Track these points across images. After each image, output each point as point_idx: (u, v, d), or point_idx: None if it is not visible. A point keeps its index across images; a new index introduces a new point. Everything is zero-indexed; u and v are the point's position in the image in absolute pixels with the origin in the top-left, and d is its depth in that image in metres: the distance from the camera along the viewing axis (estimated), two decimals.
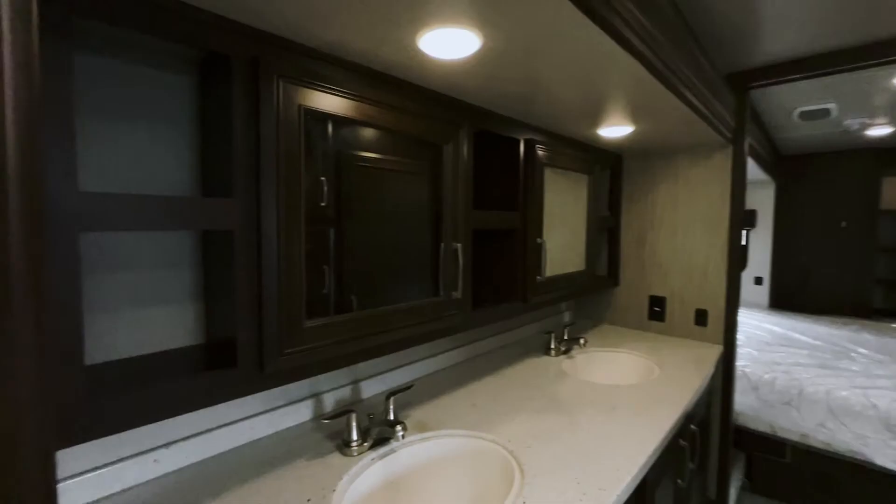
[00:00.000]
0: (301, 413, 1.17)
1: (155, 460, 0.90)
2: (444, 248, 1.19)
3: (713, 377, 1.90)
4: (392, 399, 1.11)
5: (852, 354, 2.70)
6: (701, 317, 2.05)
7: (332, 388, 1.24)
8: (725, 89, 1.68)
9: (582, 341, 1.87)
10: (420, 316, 1.12)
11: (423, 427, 1.15)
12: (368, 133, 1.00)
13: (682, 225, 2.09)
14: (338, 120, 0.92)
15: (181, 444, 0.94)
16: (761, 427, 2.34)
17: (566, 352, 1.88)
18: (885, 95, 2.32)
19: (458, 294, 1.23)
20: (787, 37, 1.53)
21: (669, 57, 1.04)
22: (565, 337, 1.93)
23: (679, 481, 1.43)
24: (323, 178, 0.90)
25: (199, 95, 0.90)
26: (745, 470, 2.48)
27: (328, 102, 0.87)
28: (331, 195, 0.92)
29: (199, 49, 0.77)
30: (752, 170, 3.25)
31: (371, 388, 1.35)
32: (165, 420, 0.73)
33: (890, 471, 1.98)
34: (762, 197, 4.28)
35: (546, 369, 1.67)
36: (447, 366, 1.64)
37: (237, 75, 0.76)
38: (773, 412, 2.29)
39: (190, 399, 0.73)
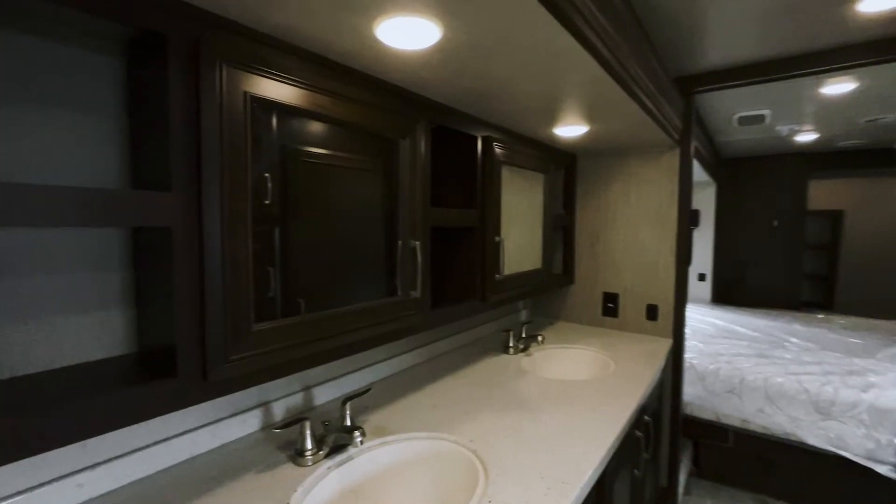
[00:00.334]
0: (249, 424, 1.09)
1: (79, 484, 0.81)
2: (402, 247, 1.15)
3: (664, 370, 1.97)
4: (349, 404, 1.07)
5: (785, 344, 2.92)
6: (652, 312, 2.13)
7: (283, 396, 1.17)
8: (674, 92, 1.75)
9: (540, 338, 1.89)
10: (376, 317, 1.08)
11: (382, 431, 1.11)
12: (318, 127, 0.95)
13: (633, 223, 2.17)
14: (286, 110, 0.86)
15: (110, 464, 0.85)
16: (707, 415, 2.47)
17: (525, 349, 1.89)
18: (811, 104, 2.51)
19: (416, 293, 1.20)
20: (729, 45, 1.62)
21: (626, 58, 1.07)
22: (523, 335, 1.95)
23: (635, 471, 1.47)
24: (267, 175, 0.84)
25: (127, 79, 0.82)
26: (692, 457, 2.61)
27: (277, 91, 0.82)
28: (276, 192, 0.86)
29: (129, 26, 0.70)
30: (696, 171, 3.43)
31: (326, 394, 1.29)
32: (91, 438, 0.65)
33: (821, 450, 2.14)
34: (705, 197, 4.54)
35: (505, 367, 1.67)
36: (406, 367, 1.61)
37: (174, 58, 0.69)
38: (717, 400, 2.42)
39: (122, 413, 0.65)
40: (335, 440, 1.01)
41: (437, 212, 1.30)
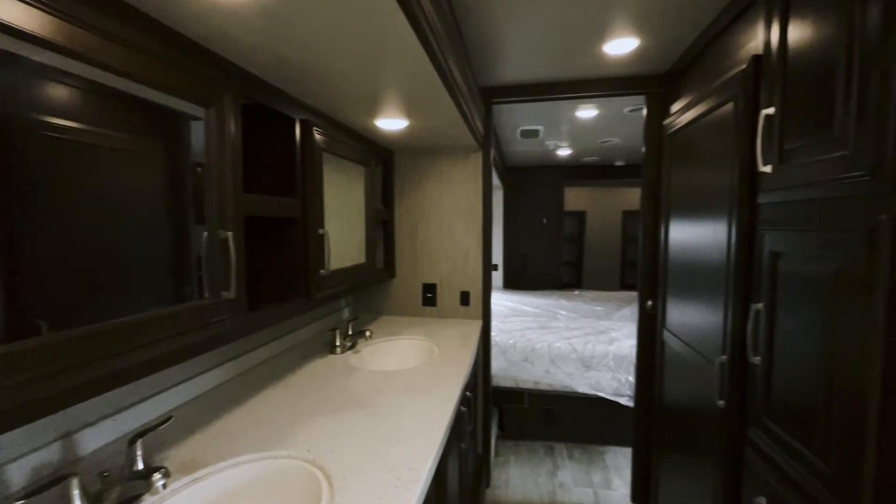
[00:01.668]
0: None
1: None
2: (208, 239, 0.96)
3: (478, 348, 2.20)
4: (140, 443, 0.83)
5: (558, 316, 3.62)
6: (465, 297, 2.35)
7: (30, 451, 0.83)
8: (479, 99, 1.96)
9: (368, 333, 1.86)
10: (176, 326, 0.86)
11: (192, 466, 0.90)
12: (71, 95, 0.69)
13: (447, 218, 2.34)
14: (21, 39, 0.60)
15: None
16: (508, 383, 2.87)
17: (352, 347, 1.84)
18: (569, 124, 3.17)
19: (230, 294, 1.01)
20: (520, 66, 1.89)
21: (448, 54, 1.12)
22: (350, 332, 1.88)
23: (462, 445, 1.59)
24: None
25: None
26: (499, 422, 2.99)
27: (13, 12, 0.56)
28: None
29: None
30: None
31: (102, 436, 0.97)
32: None
33: (586, 394, 2.74)
34: (495, 200, 5.27)
35: (334, 367, 1.58)
36: (217, 384, 1.35)
37: None
38: (515, 369, 2.84)
39: None
40: (122, 493, 0.76)
41: (252, 199, 1.13)
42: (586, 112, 2.80)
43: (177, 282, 0.92)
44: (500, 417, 3.00)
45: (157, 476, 0.77)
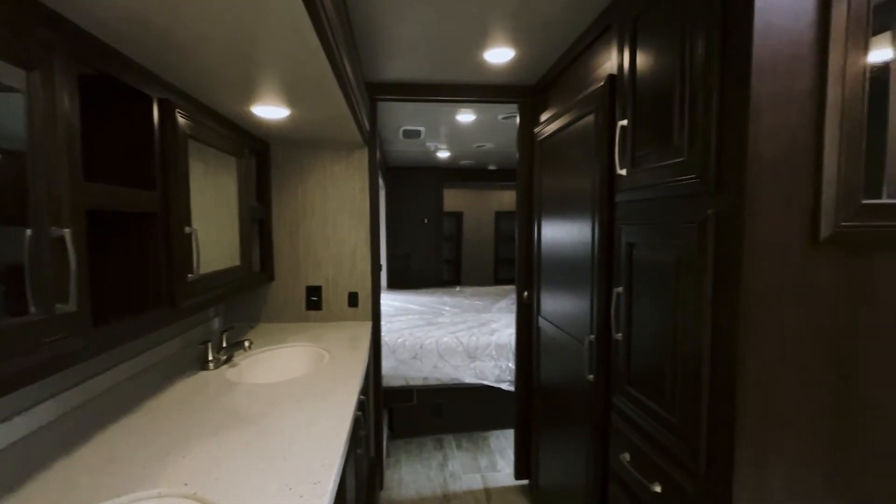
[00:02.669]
0: None
1: None
2: (35, 238, 0.76)
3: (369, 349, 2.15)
4: None
5: (443, 312, 3.74)
6: (353, 299, 2.27)
7: None
8: (365, 94, 1.91)
9: (247, 344, 1.68)
10: None
11: None
12: None
13: (331, 216, 2.24)
14: None
15: None
16: (398, 382, 2.86)
17: (228, 360, 1.64)
18: (448, 127, 3.30)
19: (69, 306, 0.82)
20: (404, 64, 1.89)
21: (340, 40, 1.06)
22: (224, 344, 1.68)
23: (358, 450, 1.53)
24: None
25: None
26: (389, 422, 2.96)
27: None
28: None
29: None
30: None
31: None
32: None
33: (472, 384, 2.88)
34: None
35: (208, 385, 1.39)
36: (53, 420, 1.08)
37: None
38: (405, 367, 2.84)
39: None
40: None
41: (96, 190, 0.93)
42: (465, 116, 2.95)
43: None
44: (390, 417, 2.98)
45: None
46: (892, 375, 0.91)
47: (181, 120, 1.23)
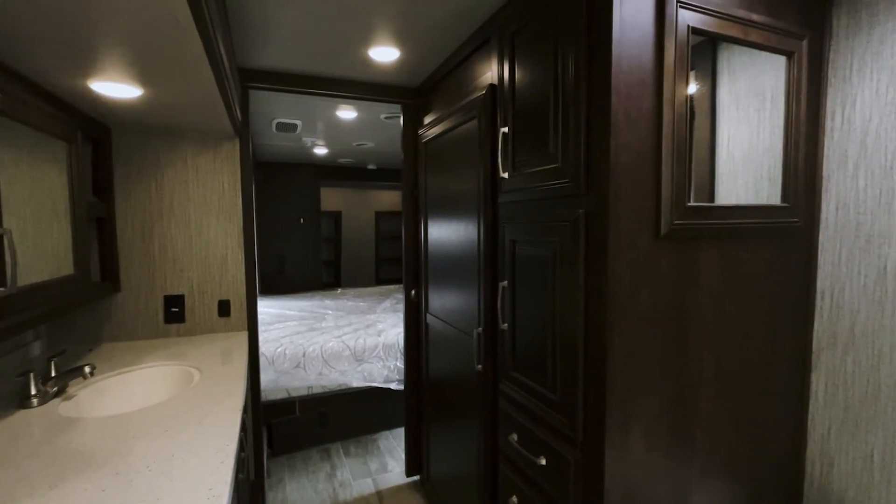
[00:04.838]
0: None
1: None
2: None
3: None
4: None
5: (325, 316, 3.57)
6: (224, 307, 2.04)
7: None
8: (238, 80, 1.72)
9: (87, 369, 1.38)
10: None
11: None
12: None
13: (196, 216, 1.97)
14: None
15: None
16: (279, 395, 2.65)
17: (59, 393, 1.33)
18: (327, 123, 3.16)
19: None
20: (281, 52, 1.75)
21: (213, 12, 0.94)
22: (53, 373, 1.36)
23: (240, 475, 1.38)
24: None
25: None
26: (268, 440, 2.73)
27: None
28: None
29: None
30: None
31: None
32: None
33: (360, 388, 2.81)
34: None
35: (32, 426, 1.12)
36: None
37: None
38: (286, 378, 2.65)
39: None
40: None
41: None
42: (346, 113, 2.86)
43: None
44: (270, 435, 2.74)
45: None
46: (709, 341, 1.15)
47: None
